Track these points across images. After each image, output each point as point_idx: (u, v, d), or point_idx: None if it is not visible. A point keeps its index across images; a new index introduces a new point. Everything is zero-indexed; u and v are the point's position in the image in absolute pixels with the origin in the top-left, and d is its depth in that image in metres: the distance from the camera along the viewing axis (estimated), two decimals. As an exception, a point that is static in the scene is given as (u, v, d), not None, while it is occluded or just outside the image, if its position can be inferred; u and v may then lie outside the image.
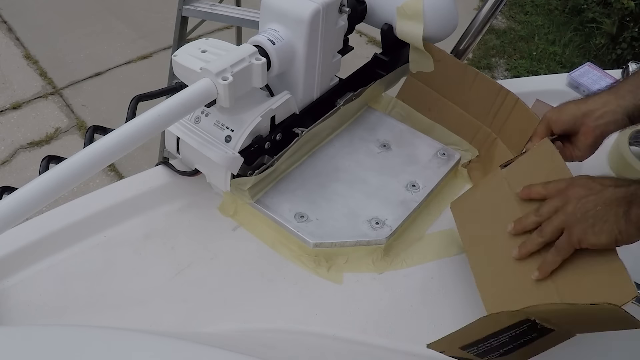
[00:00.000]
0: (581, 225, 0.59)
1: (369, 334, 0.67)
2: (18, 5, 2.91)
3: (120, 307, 0.65)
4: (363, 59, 0.92)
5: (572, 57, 2.97)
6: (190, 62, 0.69)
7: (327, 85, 0.85)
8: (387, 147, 0.86)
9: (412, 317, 0.69)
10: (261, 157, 0.77)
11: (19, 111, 2.40)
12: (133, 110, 0.70)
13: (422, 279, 0.73)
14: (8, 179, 2.11)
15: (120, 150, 0.59)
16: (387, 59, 0.91)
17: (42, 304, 0.65)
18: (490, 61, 2.97)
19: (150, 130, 0.61)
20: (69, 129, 2.35)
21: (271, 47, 0.73)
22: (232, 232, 0.75)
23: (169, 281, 0.69)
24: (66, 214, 0.71)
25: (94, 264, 0.69)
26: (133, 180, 0.77)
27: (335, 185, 0.80)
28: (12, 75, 2.55)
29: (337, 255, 0.73)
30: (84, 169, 0.56)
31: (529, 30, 3.17)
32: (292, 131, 0.80)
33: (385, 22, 0.87)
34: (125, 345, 0.38)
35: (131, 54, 2.73)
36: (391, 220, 0.75)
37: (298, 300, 0.69)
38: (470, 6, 2.88)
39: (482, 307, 0.65)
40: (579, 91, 1.01)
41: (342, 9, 0.78)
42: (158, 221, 0.75)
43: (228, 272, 0.71)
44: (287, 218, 0.74)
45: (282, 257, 0.73)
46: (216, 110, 0.73)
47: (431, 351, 0.65)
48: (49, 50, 2.69)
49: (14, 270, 0.66)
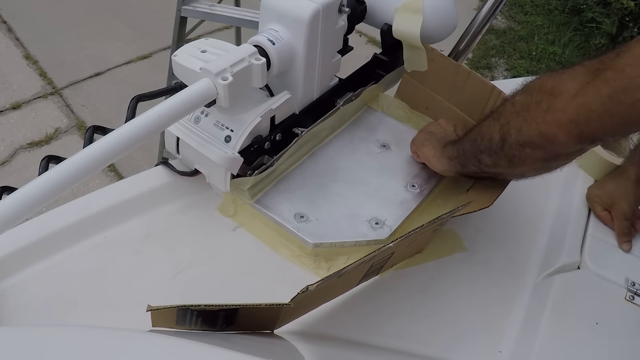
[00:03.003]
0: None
1: (369, 334, 0.67)
2: (18, 5, 2.91)
3: (120, 307, 0.65)
4: (363, 59, 0.92)
5: (571, 57, 2.97)
6: (190, 62, 0.69)
7: (327, 85, 0.85)
8: (386, 147, 0.86)
9: (412, 317, 0.69)
10: (261, 157, 0.77)
11: (19, 111, 2.40)
12: (133, 110, 0.70)
13: (422, 279, 0.73)
14: (8, 179, 2.11)
15: (120, 151, 0.59)
16: (386, 59, 0.91)
17: (42, 304, 0.65)
18: (490, 61, 2.97)
19: (150, 130, 0.61)
20: (68, 129, 2.35)
21: (271, 47, 0.73)
22: (232, 233, 0.75)
23: (169, 281, 0.69)
24: (66, 214, 0.71)
25: (93, 264, 0.69)
26: (133, 180, 0.77)
27: (335, 186, 0.80)
28: (11, 75, 2.55)
29: (337, 256, 0.73)
30: (84, 169, 0.56)
31: (528, 30, 3.17)
32: (292, 131, 0.80)
33: (384, 22, 0.87)
34: (125, 345, 0.38)
35: (131, 54, 2.73)
36: (391, 220, 0.75)
37: (298, 301, 0.69)
38: (470, 6, 2.88)
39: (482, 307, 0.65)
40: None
41: (342, 9, 0.78)
42: (158, 221, 0.75)
43: (228, 272, 0.71)
44: (287, 218, 0.74)
45: (281, 257, 0.73)
46: (216, 110, 0.73)
47: (431, 351, 0.65)
48: (48, 50, 2.69)
49: (14, 270, 0.66)
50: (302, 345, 0.61)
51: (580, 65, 0.59)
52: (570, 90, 0.57)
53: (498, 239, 0.79)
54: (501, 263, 0.76)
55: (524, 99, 0.64)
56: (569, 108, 0.57)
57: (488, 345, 0.67)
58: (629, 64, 0.53)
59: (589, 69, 0.57)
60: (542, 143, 0.61)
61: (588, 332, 0.69)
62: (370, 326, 0.68)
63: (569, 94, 0.57)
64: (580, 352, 0.67)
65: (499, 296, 0.73)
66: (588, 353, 0.67)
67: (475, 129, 0.72)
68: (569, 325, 0.69)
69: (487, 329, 0.69)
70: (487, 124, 0.69)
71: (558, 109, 0.58)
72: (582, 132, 0.57)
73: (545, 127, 0.59)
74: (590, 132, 0.57)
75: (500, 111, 0.67)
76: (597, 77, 0.55)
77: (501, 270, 0.76)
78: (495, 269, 0.76)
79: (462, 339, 0.68)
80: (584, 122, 0.56)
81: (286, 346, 0.59)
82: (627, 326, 0.70)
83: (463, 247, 0.77)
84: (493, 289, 0.73)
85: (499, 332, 0.69)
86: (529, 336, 0.68)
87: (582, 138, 0.58)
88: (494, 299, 0.72)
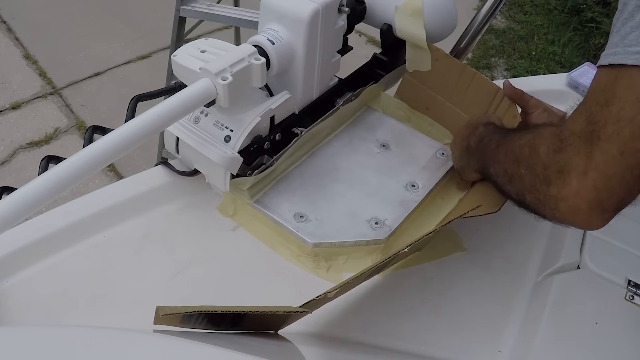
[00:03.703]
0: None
1: (369, 333, 0.67)
2: (17, 5, 2.91)
3: (119, 307, 0.65)
4: (362, 59, 0.92)
5: (571, 57, 2.97)
6: (190, 62, 0.69)
7: (327, 85, 0.85)
8: (386, 147, 0.86)
9: (412, 317, 0.69)
10: (260, 157, 0.77)
11: (19, 111, 2.40)
12: (132, 110, 0.70)
13: (422, 279, 0.73)
14: (7, 179, 2.11)
15: (120, 151, 0.59)
16: (386, 58, 0.91)
17: (42, 304, 0.65)
18: (490, 61, 2.97)
19: (150, 130, 0.61)
20: (68, 129, 2.35)
21: (270, 47, 0.73)
22: (232, 232, 0.75)
23: (169, 281, 0.69)
24: (65, 214, 0.71)
25: (93, 264, 0.69)
26: (132, 180, 0.77)
27: (335, 185, 0.80)
28: (11, 75, 2.55)
29: (337, 256, 0.73)
30: (84, 169, 0.56)
31: (528, 30, 3.17)
32: (291, 131, 0.80)
33: (384, 22, 0.87)
34: (125, 345, 0.38)
35: (130, 54, 2.73)
36: (390, 220, 0.75)
37: (297, 301, 0.69)
38: (469, 6, 2.88)
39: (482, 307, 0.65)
40: (578, 91, 1.01)
41: (342, 9, 0.78)
42: (157, 221, 0.75)
43: (227, 272, 0.71)
44: (287, 218, 0.74)
45: (281, 257, 0.73)
46: (215, 110, 0.73)
47: (431, 351, 0.65)
48: (48, 50, 2.69)
49: (14, 270, 0.66)
50: (302, 346, 0.61)
51: (571, 134, 0.53)
52: (578, 167, 0.51)
53: (498, 239, 0.79)
54: (501, 263, 0.77)
55: (529, 176, 0.57)
56: (584, 189, 0.51)
57: (488, 344, 0.67)
58: (622, 108, 0.49)
59: (582, 136, 0.51)
60: (562, 223, 0.56)
61: (588, 332, 0.69)
62: (370, 326, 0.68)
63: (577, 172, 0.51)
64: (579, 352, 0.67)
65: (498, 296, 0.73)
66: (587, 353, 0.67)
67: (493, 169, 0.67)
68: (568, 325, 0.69)
69: (487, 328, 0.69)
70: (500, 180, 0.64)
71: (571, 195, 0.52)
72: (605, 208, 0.51)
73: (560, 214, 0.54)
74: (615, 201, 0.51)
75: (509, 173, 0.61)
76: (599, 140, 0.50)
77: (501, 270, 0.76)
78: (494, 269, 0.76)
79: (461, 338, 0.68)
80: (605, 195, 0.51)
81: (289, 347, 0.59)
82: (627, 326, 0.70)
83: (462, 247, 0.77)
84: (493, 289, 0.73)
85: (498, 332, 0.69)
86: (529, 336, 0.68)
87: (605, 211, 0.52)
88: (493, 298, 0.72)
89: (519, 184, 0.60)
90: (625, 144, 0.49)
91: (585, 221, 0.53)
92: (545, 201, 0.55)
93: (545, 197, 0.55)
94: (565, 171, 0.52)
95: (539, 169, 0.56)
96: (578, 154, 0.51)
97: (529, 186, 0.58)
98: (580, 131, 0.52)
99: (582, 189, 0.51)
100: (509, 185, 0.63)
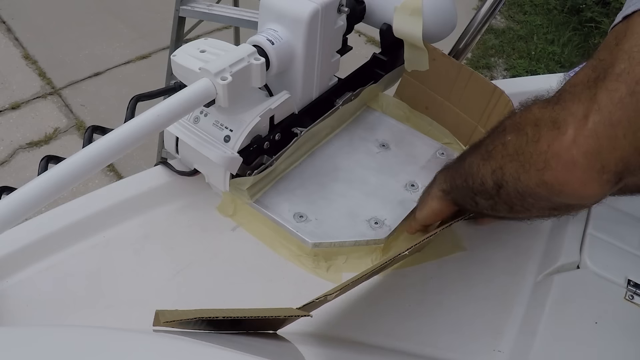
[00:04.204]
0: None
1: (369, 333, 0.67)
2: (17, 5, 2.91)
3: (120, 307, 0.65)
4: (362, 59, 0.92)
5: (571, 57, 2.98)
6: (189, 62, 0.69)
7: (326, 85, 0.85)
8: (386, 146, 0.86)
9: (412, 317, 0.69)
10: (260, 157, 0.77)
11: (18, 111, 2.40)
12: (132, 110, 0.70)
13: (421, 279, 0.73)
14: (7, 179, 2.11)
15: (120, 150, 0.59)
16: (386, 58, 0.91)
17: (42, 304, 0.65)
18: (489, 61, 2.97)
19: (150, 130, 0.61)
20: (68, 129, 2.35)
21: (270, 47, 0.73)
22: (231, 232, 0.75)
23: (168, 281, 0.69)
24: (65, 214, 0.71)
25: (93, 264, 0.69)
26: (132, 180, 0.77)
27: (335, 185, 0.80)
28: (11, 75, 2.55)
29: (337, 255, 0.73)
30: (83, 169, 0.56)
31: (527, 30, 3.17)
32: (291, 131, 0.80)
33: (384, 22, 0.87)
34: (125, 345, 0.38)
35: (130, 54, 2.73)
36: (390, 220, 0.76)
37: (297, 301, 0.69)
38: (469, 6, 2.88)
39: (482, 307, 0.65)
40: (577, 91, 1.01)
41: (341, 9, 0.78)
42: (157, 221, 0.75)
43: (227, 272, 0.71)
44: (286, 218, 0.74)
45: (281, 257, 0.73)
46: (215, 110, 0.74)
47: (430, 351, 0.65)
48: (48, 50, 2.69)
49: (14, 270, 0.66)
50: (301, 345, 0.61)
51: (571, 86, 0.45)
52: (576, 113, 0.42)
53: (497, 239, 0.79)
54: (500, 262, 0.77)
55: (517, 139, 0.48)
56: (581, 137, 0.42)
57: (487, 344, 0.67)
58: (636, 44, 0.41)
59: (586, 81, 0.43)
60: (548, 195, 0.47)
61: (587, 332, 0.69)
62: (370, 326, 0.68)
63: (575, 118, 0.42)
64: (579, 352, 0.67)
65: (498, 295, 0.73)
66: (587, 352, 0.67)
67: (466, 161, 0.58)
68: (568, 325, 0.69)
69: (487, 328, 0.69)
70: (476, 162, 0.55)
71: (565, 146, 0.43)
72: (605, 165, 0.42)
73: (550, 175, 0.44)
74: (617, 158, 0.42)
75: (490, 149, 0.53)
76: (605, 80, 0.41)
77: (500, 270, 0.76)
78: (494, 269, 0.76)
79: (461, 338, 0.68)
80: (607, 146, 0.41)
81: (288, 347, 0.59)
82: (627, 326, 0.70)
83: (462, 247, 0.77)
84: (492, 288, 0.73)
85: (498, 332, 0.69)
86: (528, 335, 0.68)
87: (605, 170, 0.42)
88: (493, 298, 0.72)
89: (501, 154, 0.50)
90: (637, 83, 0.40)
91: (579, 182, 0.43)
92: (531, 162, 0.46)
93: (532, 157, 0.45)
94: (561, 120, 0.43)
95: (529, 128, 0.46)
96: (579, 100, 0.43)
97: (512, 152, 0.48)
98: (582, 79, 0.43)
99: (579, 136, 0.42)
100: (486, 164, 0.53)
